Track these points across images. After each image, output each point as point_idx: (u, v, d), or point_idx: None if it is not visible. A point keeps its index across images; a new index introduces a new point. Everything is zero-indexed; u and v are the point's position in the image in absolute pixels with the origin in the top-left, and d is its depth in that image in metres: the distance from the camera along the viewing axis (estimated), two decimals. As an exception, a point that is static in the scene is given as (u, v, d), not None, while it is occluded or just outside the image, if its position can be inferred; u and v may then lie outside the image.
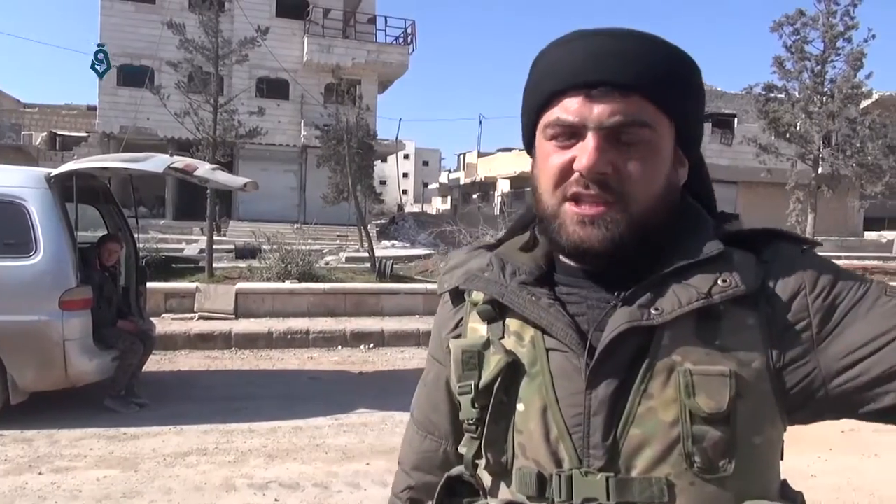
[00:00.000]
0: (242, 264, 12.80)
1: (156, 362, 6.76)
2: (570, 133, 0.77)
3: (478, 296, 0.86)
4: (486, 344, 0.84)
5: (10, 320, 4.89)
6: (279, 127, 25.38)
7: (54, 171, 5.32)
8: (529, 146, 0.85)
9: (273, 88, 26.31)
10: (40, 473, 4.12)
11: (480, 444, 0.83)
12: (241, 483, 4.07)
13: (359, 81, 25.99)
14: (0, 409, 4.94)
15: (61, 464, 4.29)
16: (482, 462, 0.84)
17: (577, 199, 0.77)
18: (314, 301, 9.43)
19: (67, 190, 5.35)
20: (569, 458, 0.77)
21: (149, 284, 6.84)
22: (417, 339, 8.46)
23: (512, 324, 0.83)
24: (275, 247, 11.46)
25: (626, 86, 0.75)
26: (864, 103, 19.30)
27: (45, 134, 29.16)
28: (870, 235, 31.30)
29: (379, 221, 28.82)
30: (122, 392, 5.44)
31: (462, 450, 0.87)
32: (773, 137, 15.94)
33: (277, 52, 23.42)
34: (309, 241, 16.09)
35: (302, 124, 26.30)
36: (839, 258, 19.48)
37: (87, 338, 5.16)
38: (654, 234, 0.79)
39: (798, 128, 15.69)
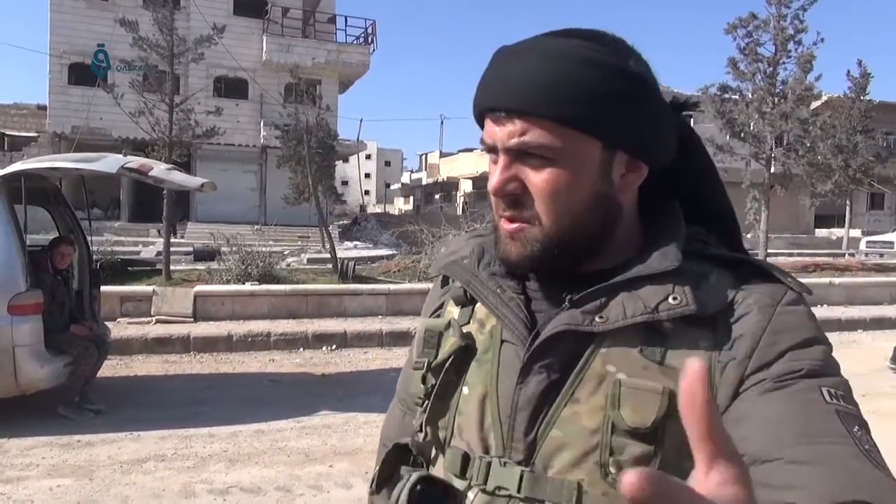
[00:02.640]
0: (201, 267, 12.56)
1: (111, 367, 6.59)
2: (493, 151, 0.79)
3: (452, 278, 0.91)
4: (448, 325, 0.87)
5: (-44, 326, 4.71)
6: (238, 127, 25.01)
7: (2, 172, 5.15)
8: None
9: (231, 88, 25.93)
10: (-11, 484, 3.98)
11: (424, 418, 0.87)
12: (200, 489, 3.99)
13: (319, 81, 25.79)
14: (-55, 418, 4.76)
15: (12, 473, 4.15)
16: (422, 435, 0.88)
17: (504, 216, 0.80)
18: (275, 303, 9.30)
19: (15, 191, 5.20)
20: (496, 447, 0.80)
21: (103, 288, 6.67)
22: (380, 339, 8.42)
23: (479, 311, 0.86)
24: (234, 248, 11.28)
25: (515, 110, 0.75)
26: (815, 104, 19.88)
27: (-8, 134, 28.19)
28: (820, 233, 32.30)
29: (341, 222, 28.64)
30: (76, 398, 5.28)
31: (413, 422, 0.91)
32: (728, 137, 16.32)
33: (235, 51, 23.09)
34: (269, 242, 15.87)
35: (261, 124, 25.97)
36: (791, 255, 20.05)
37: (38, 343, 5.00)
38: (587, 243, 0.79)
39: (752, 128, 16.08)
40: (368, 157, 67.51)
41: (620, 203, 0.81)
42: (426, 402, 0.86)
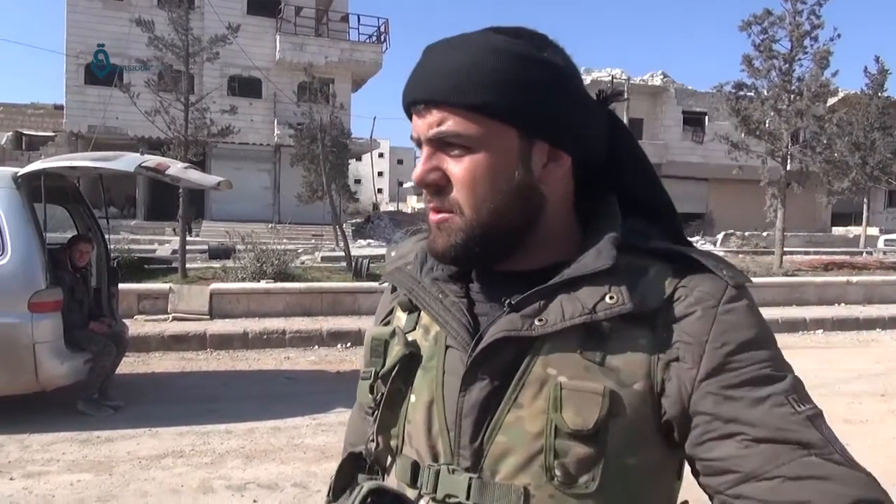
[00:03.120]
0: (216, 264, 12.65)
1: (129, 364, 6.66)
2: (418, 142, 0.81)
3: (395, 286, 0.91)
4: (393, 334, 0.86)
5: (-22, 323, 4.78)
6: (252, 126, 25.15)
7: (21, 171, 5.21)
8: None
9: (245, 87, 26.06)
10: (12, 479, 4.04)
11: (374, 427, 0.87)
12: (218, 485, 4.03)
13: (332, 80, 25.84)
14: (-32, 414, 4.83)
15: (33, 469, 4.20)
16: (373, 444, 0.88)
17: (430, 207, 0.82)
18: (290, 301, 9.36)
19: (35, 190, 5.25)
20: (444, 454, 0.79)
21: (121, 286, 6.73)
22: (395, 337, 8.44)
23: (424, 317, 0.86)
24: (249, 247, 11.35)
25: (430, 101, 0.77)
26: (831, 101, 19.70)
27: (10, 134, 28.48)
28: (838, 231, 32.01)
29: (354, 220, 28.71)
30: (95, 395, 5.35)
31: (367, 430, 0.92)
32: (743, 135, 16.19)
33: (249, 51, 23.18)
34: (284, 240, 15.95)
35: (275, 123, 26.10)
36: (808, 253, 19.86)
37: (58, 340, 5.06)
38: (511, 235, 0.79)
39: (767, 125, 15.94)
40: (381, 155, 67.64)
41: (544, 195, 0.80)
42: (376, 411, 0.86)
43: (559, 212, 0.82)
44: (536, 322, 0.75)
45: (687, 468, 0.78)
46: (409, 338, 0.85)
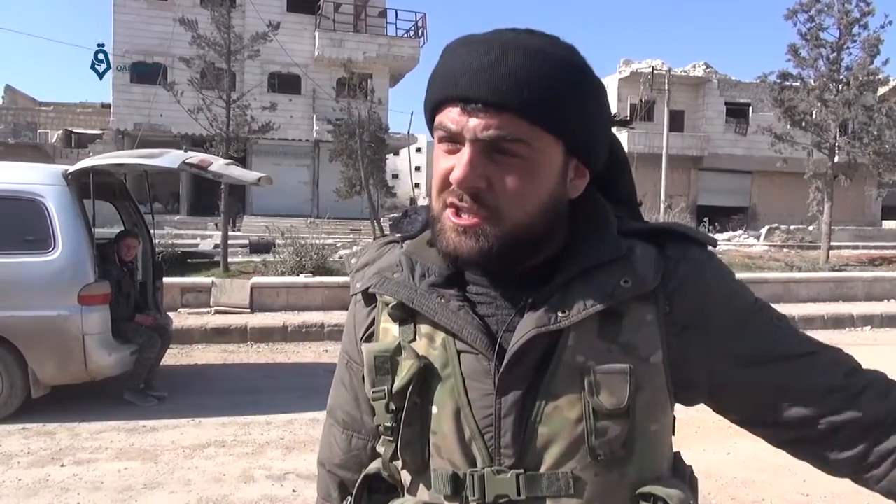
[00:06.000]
0: (257, 259, 12.87)
1: (173, 356, 6.83)
2: (453, 140, 0.77)
3: (389, 296, 0.86)
4: (399, 349, 0.84)
5: (31, 315, 4.96)
6: (291, 122, 25.46)
7: (71, 168, 5.37)
8: (433, 136, 0.85)
9: (285, 83, 26.39)
10: (62, 465, 4.19)
11: (396, 446, 0.84)
12: (259, 474, 4.12)
13: (370, 75, 25.99)
14: (22, 402, 5.02)
15: (83, 456, 4.36)
16: (399, 463, 0.86)
17: (455, 208, 0.78)
18: (328, 295, 9.47)
19: (84, 186, 5.40)
20: (481, 458, 0.80)
21: (165, 279, 6.89)
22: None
23: (423, 326, 0.84)
24: (289, 241, 11.51)
25: (496, 104, 0.74)
26: (882, 90, 19.05)
27: (60, 132, 29.42)
28: (888, 224, 30.95)
29: (392, 215, 28.80)
30: (141, 385, 5.51)
31: (380, 449, 0.89)
32: (788, 126, 15.77)
33: (289, 48, 23.46)
34: (322, 235, 16.14)
35: (314, 119, 26.37)
36: (857, 247, 19.28)
37: (106, 332, 5.21)
38: (535, 242, 0.80)
39: (814, 116, 15.50)
40: (419, 150, 67.72)
41: (567, 206, 0.83)
42: (396, 430, 0.83)
43: (563, 213, 0.84)
44: (560, 315, 0.78)
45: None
46: (415, 349, 0.83)
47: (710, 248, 0.87)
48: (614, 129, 0.92)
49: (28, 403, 5.04)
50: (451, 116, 0.77)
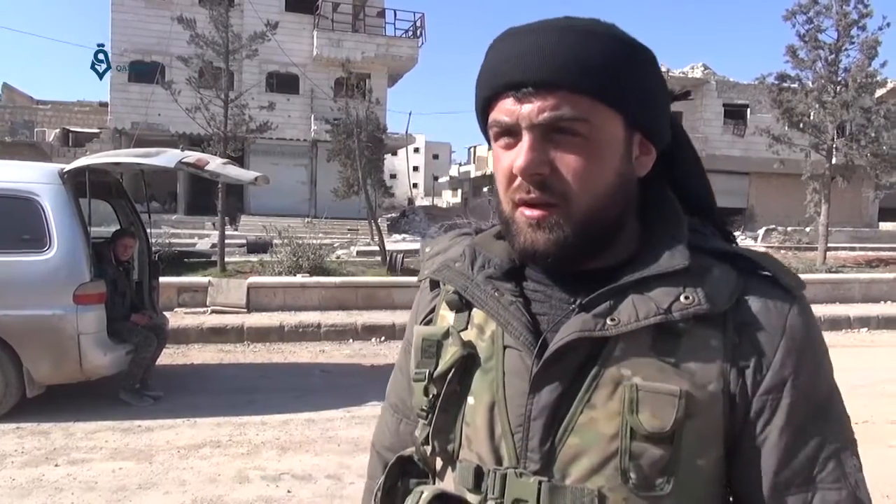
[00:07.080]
0: (254, 258, 12.86)
1: (169, 356, 6.81)
2: (510, 133, 0.75)
3: (448, 284, 0.86)
4: (447, 334, 0.83)
5: (26, 314, 4.94)
6: (289, 121, 25.44)
7: (67, 167, 5.35)
8: (489, 143, 0.83)
9: (283, 83, 26.38)
10: (57, 465, 4.18)
11: (430, 431, 0.83)
12: (254, 475, 4.11)
13: (368, 75, 25.99)
14: (17, 402, 5.00)
15: (77, 456, 4.34)
16: (428, 448, 0.85)
17: (524, 203, 0.76)
18: (325, 295, 9.46)
19: (80, 185, 5.39)
20: (508, 457, 0.77)
21: (161, 279, 6.88)
22: (428, 331, 8.46)
23: (477, 316, 0.83)
24: (286, 241, 11.51)
25: (548, 83, 0.71)
26: (879, 92, 19.05)
27: (57, 130, 29.38)
28: (885, 226, 31.01)
29: (389, 215, 28.84)
30: (137, 385, 5.49)
31: (416, 433, 0.88)
32: (786, 128, 15.77)
33: (287, 47, 23.45)
34: (320, 234, 16.11)
35: (312, 119, 26.36)
36: (854, 249, 19.31)
37: (102, 332, 5.20)
38: (609, 230, 0.77)
39: (812, 118, 15.51)
40: (417, 150, 67.80)
41: (636, 190, 0.79)
42: (430, 414, 0.83)
43: (631, 206, 0.80)
44: (609, 322, 0.74)
45: None
46: (464, 337, 0.82)
47: (798, 295, 0.77)
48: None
49: (22, 403, 5.02)
50: (503, 109, 0.75)
